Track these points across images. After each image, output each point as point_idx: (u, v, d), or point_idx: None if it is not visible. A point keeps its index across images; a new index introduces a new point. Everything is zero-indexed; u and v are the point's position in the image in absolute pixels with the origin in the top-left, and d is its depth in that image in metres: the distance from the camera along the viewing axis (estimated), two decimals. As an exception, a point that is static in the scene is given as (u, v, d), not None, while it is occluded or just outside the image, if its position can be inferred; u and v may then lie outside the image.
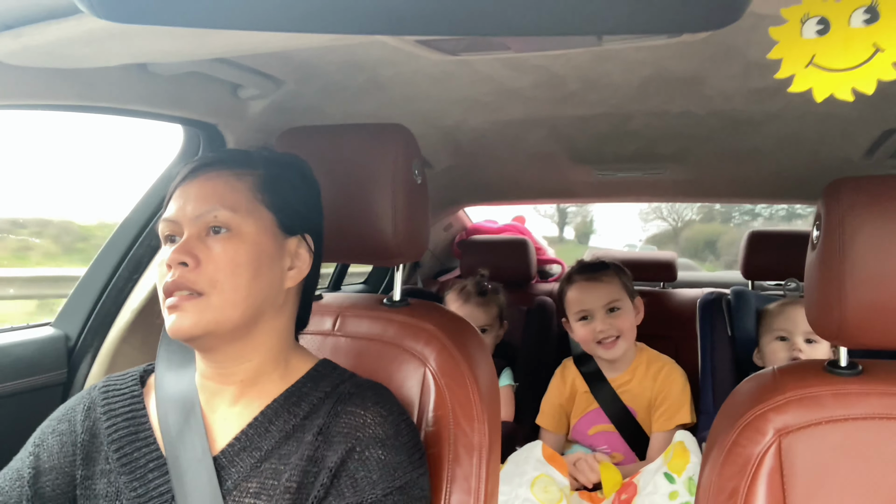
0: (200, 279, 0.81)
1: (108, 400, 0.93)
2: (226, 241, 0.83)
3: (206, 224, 0.83)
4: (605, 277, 1.80)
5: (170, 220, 0.85)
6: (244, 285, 0.83)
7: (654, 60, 1.16)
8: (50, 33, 0.84)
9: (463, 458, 1.00)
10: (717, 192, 2.48)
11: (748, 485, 0.87)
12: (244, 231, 0.84)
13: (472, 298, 2.09)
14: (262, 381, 0.89)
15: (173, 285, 0.80)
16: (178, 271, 0.81)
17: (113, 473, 0.86)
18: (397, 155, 1.04)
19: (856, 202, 0.85)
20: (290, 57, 1.21)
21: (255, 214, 0.86)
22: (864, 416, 0.86)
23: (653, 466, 1.50)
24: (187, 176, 0.88)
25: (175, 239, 0.85)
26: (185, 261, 0.81)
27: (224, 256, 0.82)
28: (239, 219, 0.84)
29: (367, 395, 0.88)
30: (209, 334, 0.82)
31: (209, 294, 0.81)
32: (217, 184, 0.86)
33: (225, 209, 0.83)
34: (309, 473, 0.82)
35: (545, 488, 1.48)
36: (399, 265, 1.15)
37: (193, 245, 0.82)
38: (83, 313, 1.47)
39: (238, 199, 0.85)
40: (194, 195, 0.85)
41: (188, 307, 0.80)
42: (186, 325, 0.80)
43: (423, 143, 1.13)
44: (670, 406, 1.74)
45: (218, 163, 0.88)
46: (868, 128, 1.52)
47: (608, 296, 1.77)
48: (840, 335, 0.87)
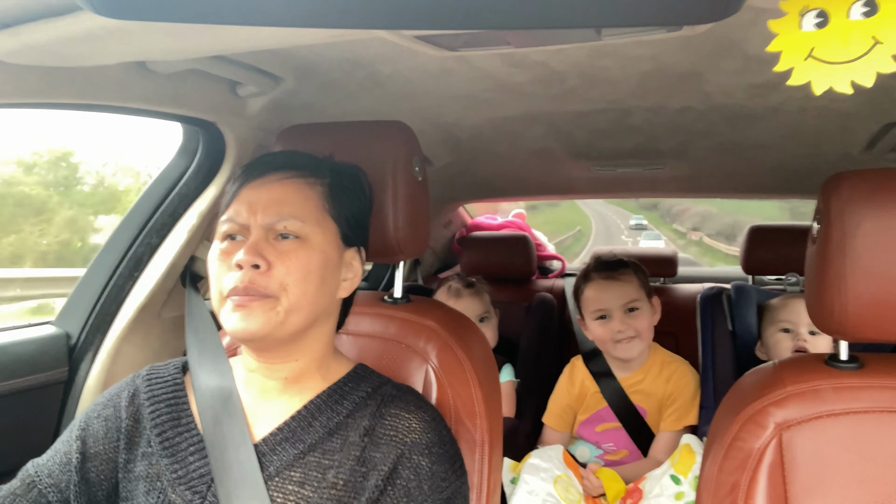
0: (272, 283, 0.82)
1: (152, 386, 0.94)
2: (297, 247, 0.84)
3: (276, 231, 0.84)
4: (623, 276, 1.78)
5: (236, 223, 0.86)
6: (312, 292, 0.84)
7: (653, 55, 1.16)
8: (49, 31, 0.84)
9: (465, 453, 1.00)
10: (716, 187, 2.47)
11: (749, 479, 0.87)
12: (313, 240, 0.85)
13: (462, 292, 2.11)
14: (305, 380, 0.91)
15: (244, 289, 0.81)
16: (250, 274, 0.81)
17: (154, 456, 0.88)
18: (398, 152, 1.04)
19: (856, 196, 0.85)
20: (289, 54, 1.21)
21: (322, 225, 0.87)
22: (865, 409, 0.86)
23: (659, 471, 1.51)
24: (256, 176, 0.88)
25: (236, 238, 0.86)
26: (257, 263, 0.81)
27: (296, 262, 0.83)
28: (308, 228, 0.85)
29: (409, 399, 0.91)
30: (270, 335, 0.83)
31: (278, 297, 0.82)
32: (289, 190, 0.87)
33: (296, 219, 0.85)
34: (357, 473, 0.84)
35: (566, 488, 1.49)
36: (400, 262, 1.15)
37: (264, 247, 0.83)
38: (84, 311, 1.47)
39: (308, 209, 0.86)
40: (265, 199, 0.85)
41: (256, 308, 0.81)
42: (253, 326, 0.82)
43: (422, 140, 1.13)
44: (680, 407, 1.73)
45: (289, 167, 0.89)
46: (867, 122, 1.52)
47: (627, 295, 1.75)
48: (840, 329, 0.87)
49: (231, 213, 0.87)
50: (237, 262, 0.82)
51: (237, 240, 0.85)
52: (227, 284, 0.83)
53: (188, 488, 0.85)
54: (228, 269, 0.83)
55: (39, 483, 0.87)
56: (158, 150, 1.99)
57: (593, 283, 1.81)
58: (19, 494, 0.86)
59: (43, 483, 0.86)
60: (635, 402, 1.78)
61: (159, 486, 0.86)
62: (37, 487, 0.86)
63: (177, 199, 1.49)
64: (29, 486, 0.86)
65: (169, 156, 1.52)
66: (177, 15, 0.59)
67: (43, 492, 0.86)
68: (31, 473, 0.88)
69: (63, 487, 0.87)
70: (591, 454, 1.82)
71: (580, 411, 1.85)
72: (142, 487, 0.87)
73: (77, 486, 0.86)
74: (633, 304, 1.75)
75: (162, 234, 1.49)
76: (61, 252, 11.33)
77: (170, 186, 1.50)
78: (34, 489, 0.86)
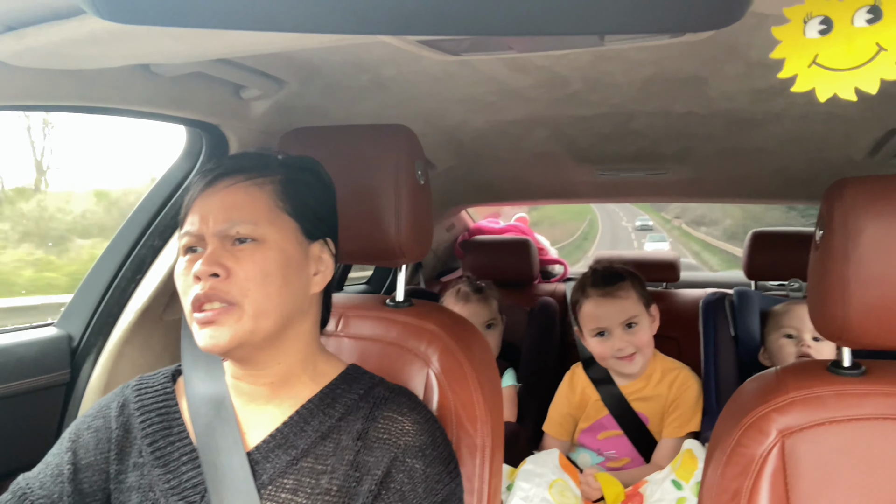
0: (233, 289, 0.81)
1: (141, 396, 0.94)
2: (253, 250, 0.83)
3: (230, 237, 0.83)
4: (621, 291, 1.71)
5: (192, 234, 0.85)
6: (275, 293, 0.83)
7: (657, 60, 1.16)
8: (53, 34, 0.84)
9: (466, 458, 1.00)
10: (719, 192, 2.47)
11: (751, 485, 0.87)
12: (269, 240, 0.84)
13: (471, 297, 2.10)
14: (293, 383, 0.90)
15: (205, 297, 0.80)
16: (210, 283, 0.80)
17: (146, 466, 0.88)
18: (400, 155, 1.04)
19: (859, 202, 0.85)
20: (293, 57, 1.21)
21: (277, 223, 0.86)
22: (867, 416, 0.86)
23: (660, 476, 1.50)
24: (205, 186, 0.87)
25: (196, 249, 0.85)
26: (215, 271, 0.80)
27: (253, 266, 0.82)
28: (262, 229, 0.84)
29: (402, 401, 0.90)
30: (243, 345, 0.83)
31: (241, 304, 0.81)
32: (237, 195, 0.85)
33: (247, 222, 0.83)
34: (351, 478, 0.83)
35: (562, 492, 1.49)
36: (402, 266, 1.15)
37: (221, 255, 0.82)
38: (86, 313, 1.47)
39: (259, 210, 0.85)
40: (215, 207, 0.84)
41: (223, 321, 0.80)
42: (224, 339, 0.81)
43: (425, 144, 1.13)
44: (683, 413, 1.71)
45: (235, 171, 0.88)
46: (871, 128, 1.51)
47: (626, 311, 1.69)
48: (843, 335, 0.87)
49: (186, 225, 0.86)
50: (195, 274, 0.81)
51: (197, 252, 0.84)
52: (189, 297, 0.82)
53: (181, 498, 0.85)
54: (189, 281, 0.82)
55: (31, 495, 0.86)
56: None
57: (590, 300, 1.74)
58: None
59: (35, 495, 0.86)
60: (637, 409, 1.76)
61: (152, 497, 0.85)
62: (28, 499, 0.86)
63: (179, 202, 1.49)
64: (21, 499, 0.86)
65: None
66: (180, 20, 0.59)
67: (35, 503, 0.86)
68: (22, 486, 0.88)
69: (56, 499, 0.86)
70: (593, 461, 1.80)
71: (581, 419, 1.83)
72: (134, 498, 0.86)
73: (70, 498, 0.86)
74: (632, 319, 1.70)
75: (165, 236, 1.50)
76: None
77: (173, 189, 1.50)
78: (26, 501, 0.86)
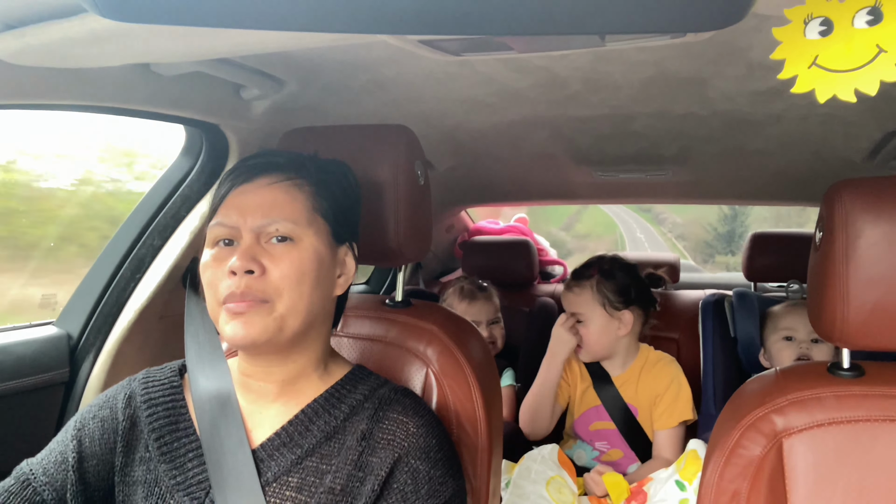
0: (268, 287, 0.81)
1: (148, 390, 0.94)
2: (289, 249, 0.83)
3: (268, 234, 0.84)
4: (576, 288, 1.83)
5: (227, 227, 0.85)
6: (307, 294, 0.84)
7: (657, 61, 1.16)
8: (53, 33, 0.84)
9: (465, 457, 1.00)
10: (719, 193, 2.47)
11: (750, 487, 0.87)
12: (305, 241, 0.85)
13: (477, 295, 2.13)
14: (302, 382, 0.91)
15: (240, 295, 0.80)
16: (245, 279, 0.81)
17: (152, 461, 0.88)
18: (400, 155, 1.04)
19: (858, 204, 0.85)
20: (293, 57, 1.21)
21: (314, 225, 0.87)
22: (866, 418, 0.86)
23: (664, 475, 1.51)
24: (243, 181, 0.87)
25: (230, 242, 0.85)
26: (251, 268, 0.81)
27: (290, 265, 0.83)
28: (300, 230, 0.85)
29: (407, 403, 0.90)
30: (269, 342, 0.83)
31: (274, 302, 0.82)
32: (277, 193, 0.86)
33: (287, 221, 0.84)
34: (354, 478, 0.83)
35: (559, 489, 1.49)
36: (401, 266, 1.15)
37: (257, 252, 0.82)
38: (85, 312, 1.47)
39: (298, 210, 0.86)
40: (255, 203, 0.85)
41: (254, 315, 0.81)
42: (253, 332, 0.81)
43: (424, 144, 1.13)
44: (671, 404, 1.75)
45: (274, 168, 0.88)
46: (870, 129, 1.51)
47: (573, 306, 1.83)
48: (842, 337, 0.87)
49: (221, 217, 0.86)
50: (231, 269, 0.81)
51: (228, 245, 0.85)
52: (222, 291, 0.82)
53: (186, 494, 0.85)
54: (222, 275, 0.82)
55: (34, 481, 0.86)
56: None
57: (564, 288, 1.90)
58: (14, 492, 0.85)
59: (38, 481, 0.86)
60: (626, 399, 1.81)
61: (157, 492, 0.86)
62: (32, 485, 0.86)
63: (179, 201, 1.49)
64: (24, 484, 0.86)
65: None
66: (181, 18, 0.59)
67: (38, 489, 0.85)
68: (25, 471, 0.88)
69: (59, 486, 0.86)
70: (588, 456, 1.83)
71: (575, 407, 1.87)
72: (140, 493, 0.86)
73: (74, 486, 0.86)
74: (578, 315, 1.81)
75: (164, 235, 1.50)
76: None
77: (173, 188, 1.50)
78: (29, 487, 0.86)
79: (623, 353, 1.83)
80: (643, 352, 1.85)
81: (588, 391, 1.85)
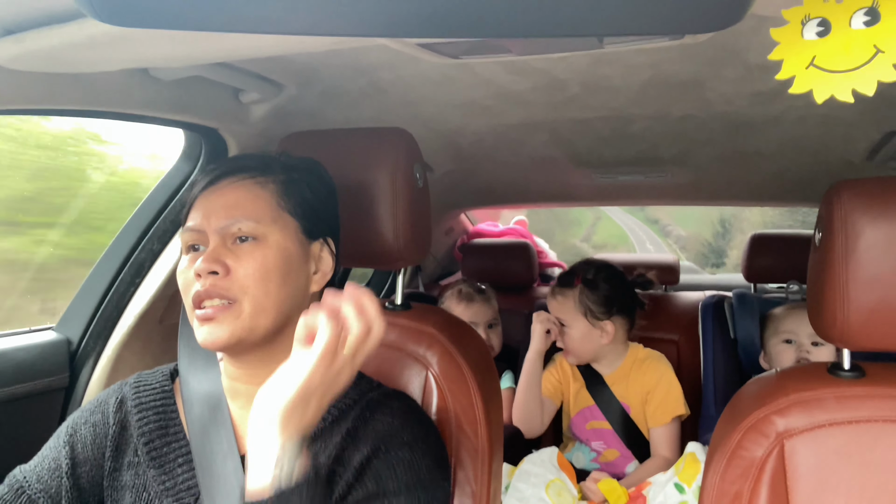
0: (232, 286, 0.82)
1: (139, 394, 0.93)
2: (253, 248, 0.84)
3: (232, 234, 0.84)
4: (559, 296, 1.86)
5: (194, 230, 0.85)
6: (274, 291, 0.84)
7: (655, 63, 1.16)
8: (52, 38, 0.84)
9: (465, 460, 0.99)
10: (718, 195, 2.47)
11: (751, 488, 0.87)
12: (270, 239, 0.85)
13: (475, 297, 2.14)
14: None
15: (205, 294, 0.81)
16: (209, 280, 0.81)
17: (141, 466, 0.87)
18: (398, 159, 1.04)
19: (857, 204, 0.85)
20: (291, 61, 1.21)
21: (279, 222, 0.86)
22: (867, 419, 0.86)
23: (663, 478, 1.51)
24: (208, 185, 0.88)
25: (199, 248, 0.86)
26: (215, 269, 0.81)
27: (253, 263, 0.83)
28: (263, 228, 0.85)
29: (395, 405, 0.89)
30: (241, 342, 0.83)
31: (241, 301, 0.82)
32: (240, 193, 0.86)
33: (249, 220, 0.84)
34: (335, 473, 0.83)
35: (559, 492, 1.50)
36: (401, 269, 1.15)
37: (221, 253, 0.82)
38: (85, 317, 1.47)
39: (262, 208, 0.86)
40: (218, 205, 0.85)
41: (222, 317, 0.81)
42: (223, 336, 0.81)
43: (423, 147, 1.13)
44: (663, 400, 1.77)
45: (238, 170, 0.89)
46: (869, 130, 1.51)
47: (556, 312, 1.85)
48: (843, 338, 0.87)
49: (189, 221, 0.87)
50: (196, 272, 0.82)
51: (199, 250, 0.85)
52: (190, 294, 0.83)
53: (175, 500, 0.84)
54: (190, 279, 0.83)
55: (29, 489, 0.86)
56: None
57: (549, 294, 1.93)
58: (8, 500, 0.85)
59: (32, 489, 0.86)
60: (618, 397, 1.82)
61: (146, 498, 0.85)
62: (26, 493, 0.86)
63: (179, 206, 1.49)
64: (18, 492, 0.86)
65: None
66: (179, 23, 0.59)
67: (33, 497, 0.85)
68: (19, 479, 0.87)
69: (54, 493, 0.86)
70: (586, 458, 1.84)
71: (571, 407, 1.89)
72: (128, 498, 0.86)
73: (69, 493, 0.86)
74: (561, 320, 1.84)
75: (164, 240, 1.50)
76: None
77: (172, 192, 1.50)
78: (23, 494, 0.85)
79: (611, 356, 1.85)
80: (632, 350, 1.87)
81: (581, 391, 1.87)
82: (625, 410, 1.81)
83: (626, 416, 1.80)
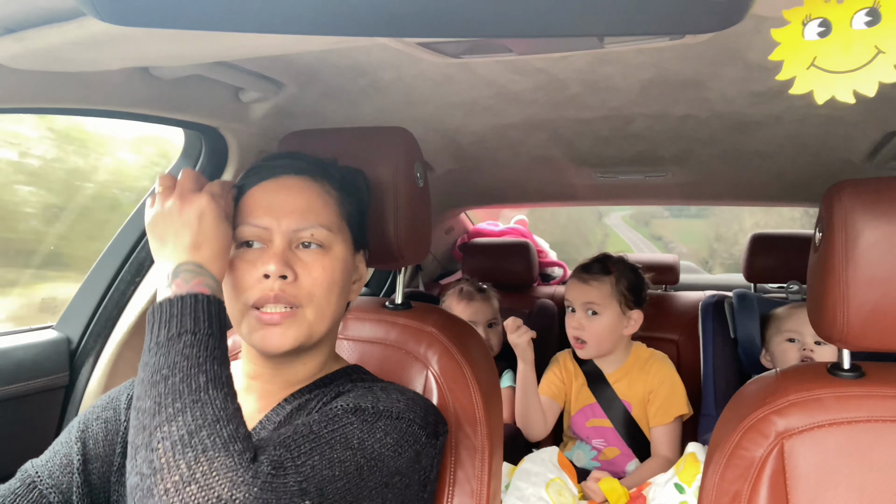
0: (300, 293, 0.82)
1: None
2: (321, 256, 0.83)
3: (300, 238, 0.83)
4: (594, 281, 1.83)
5: (258, 227, 0.83)
6: (335, 301, 0.85)
7: (656, 63, 1.16)
8: (52, 36, 0.84)
9: (465, 460, 0.99)
10: (718, 194, 2.47)
11: (751, 488, 0.87)
12: (335, 248, 0.85)
13: (475, 296, 2.14)
14: (305, 383, 0.91)
15: (274, 297, 0.80)
16: (278, 283, 0.80)
17: None
18: (399, 158, 1.04)
19: (858, 204, 0.85)
20: (292, 60, 1.21)
21: (343, 232, 0.87)
22: (867, 419, 0.86)
23: (663, 478, 1.51)
24: (268, 177, 0.86)
25: (253, 244, 0.84)
26: (286, 273, 0.80)
27: (322, 273, 0.83)
28: (332, 237, 0.84)
29: (385, 383, 0.89)
30: (300, 348, 0.84)
31: (305, 308, 0.82)
32: (309, 196, 0.85)
33: (322, 227, 0.84)
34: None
35: (559, 492, 1.50)
36: (401, 268, 1.15)
37: (290, 257, 0.82)
38: (85, 316, 1.47)
39: (331, 217, 0.86)
40: (289, 206, 0.84)
41: (288, 323, 0.81)
42: (288, 342, 0.81)
43: (424, 147, 1.13)
44: (665, 400, 1.77)
45: (299, 170, 0.87)
46: (869, 130, 1.51)
47: (587, 296, 1.82)
48: (842, 337, 0.87)
49: (249, 216, 0.84)
50: (266, 272, 0.80)
51: (255, 246, 0.84)
52: (252, 294, 0.81)
53: None
54: (252, 278, 0.82)
55: (40, 483, 0.86)
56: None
57: (570, 281, 1.90)
58: (20, 494, 0.85)
59: (44, 484, 0.86)
60: (620, 395, 1.82)
61: None
62: (38, 488, 0.85)
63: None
64: (30, 487, 0.86)
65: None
66: (180, 22, 0.59)
67: (44, 493, 0.85)
68: (30, 473, 0.87)
69: (65, 489, 0.86)
70: (587, 457, 1.84)
71: (571, 404, 1.88)
72: None
73: (80, 489, 0.86)
74: (592, 306, 1.80)
75: (164, 238, 1.49)
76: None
77: (172, 191, 1.50)
78: (35, 490, 0.85)
79: (619, 352, 1.85)
80: (635, 349, 1.87)
81: (583, 389, 1.87)
82: (626, 409, 1.81)
83: (628, 415, 1.81)
